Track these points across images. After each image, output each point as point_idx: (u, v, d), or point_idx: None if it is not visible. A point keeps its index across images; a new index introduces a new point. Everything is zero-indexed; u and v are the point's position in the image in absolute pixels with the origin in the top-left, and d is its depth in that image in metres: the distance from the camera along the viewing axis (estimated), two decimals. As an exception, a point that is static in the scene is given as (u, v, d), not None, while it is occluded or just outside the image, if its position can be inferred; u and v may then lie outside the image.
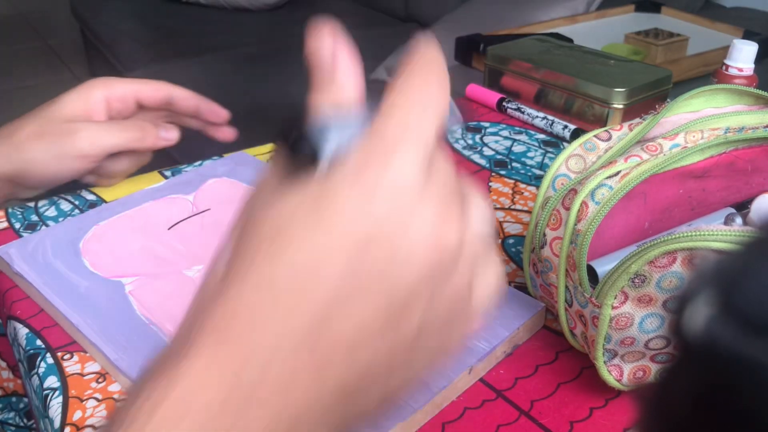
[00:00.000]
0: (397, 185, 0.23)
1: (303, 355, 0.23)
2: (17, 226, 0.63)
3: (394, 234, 0.23)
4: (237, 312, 0.23)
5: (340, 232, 0.23)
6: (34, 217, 0.64)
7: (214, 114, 0.70)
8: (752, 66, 0.74)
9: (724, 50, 0.77)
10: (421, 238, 0.23)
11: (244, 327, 0.23)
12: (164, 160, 0.69)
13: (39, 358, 0.48)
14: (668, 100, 0.49)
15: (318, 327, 0.23)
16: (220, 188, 0.64)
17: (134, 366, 0.45)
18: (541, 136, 0.80)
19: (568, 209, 0.43)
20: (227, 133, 0.70)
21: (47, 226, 0.63)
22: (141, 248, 0.56)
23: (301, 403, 0.23)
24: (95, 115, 0.62)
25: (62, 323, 0.50)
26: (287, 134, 0.26)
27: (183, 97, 0.67)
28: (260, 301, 0.23)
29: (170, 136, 0.64)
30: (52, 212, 0.65)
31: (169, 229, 0.58)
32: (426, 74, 0.26)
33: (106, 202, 0.66)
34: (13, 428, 0.63)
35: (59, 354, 0.48)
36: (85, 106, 0.62)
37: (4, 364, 0.63)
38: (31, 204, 0.66)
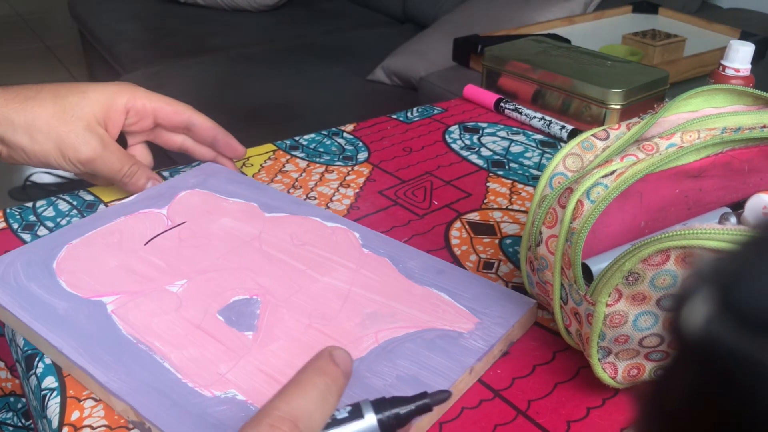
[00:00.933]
0: None
1: None
2: (15, 226, 0.63)
3: None
4: None
5: None
6: (32, 218, 0.64)
7: (230, 149, 0.68)
8: (749, 66, 0.75)
9: (721, 51, 0.77)
10: None
11: None
12: (163, 161, 0.69)
13: (37, 359, 0.48)
14: (666, 100, 0.49)
15: None
16: (194, 200, 0.62)
17: (127, 388, 0.43)
18: (539, 137, 0.80)
19: (563, 207, 0.43)
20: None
21: (45, 226, 0.63)
22: (119, 265, 0.54)
23: None
24: (111, 124, 0.62)
25: (44, 349, 0.48)
26: None
27: (203, 126, 0.66)
28: None
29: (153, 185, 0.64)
30: (50, 213, 0.65)
31: (145, 244, 0.56)
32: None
33: (104, 202, 0.66)
34: (11, 428, 0.63)
35: (57, 354, 0.48)
36: (106, 113, 0.61)
37: (2, 364, 0.63)
38: (29, 204, 0.66)
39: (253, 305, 0.50)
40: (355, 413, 0.33)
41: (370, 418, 0.33)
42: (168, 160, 0.68)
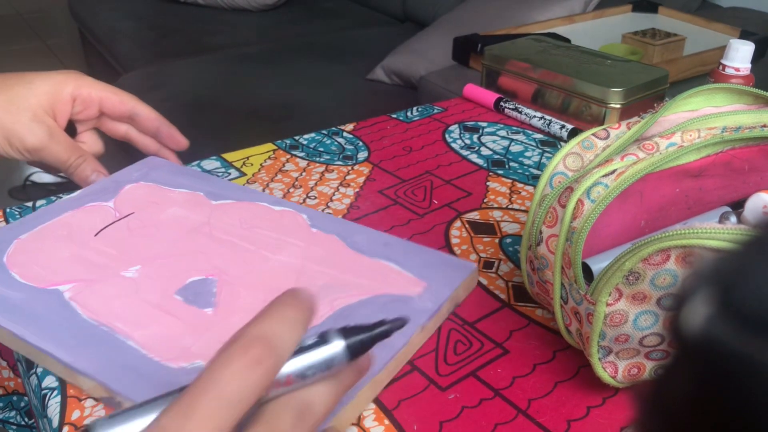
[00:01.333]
0: None
1: None
2: (15, 225, 0.63)
3: None
4: None
5: None
6: (32, 217, 0.64)
7: (173, 140, 0.68)
8: (749, 66, 0.75)
9: (721, 50, 0.77)
10: None
11: None
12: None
13: (37, 358, 0.48)
14: (666, 99, 0.49)
15: None
16: (139, 192, 0.62)
17: (94, 366, 0.43)
18: (539, 136, 0.80)
19: (564, 207, 0.43)
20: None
21: (45, 225, 0.63)
22: (71, 256, 0.54)
23: None
24: (59, 114, 0.62)
25: (6, 340, 0.48)
26: None
27: (146, 116, 0.66)
28: None
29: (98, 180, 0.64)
30: (49, 212, 0.65)
31: (95, 235, 0.56)
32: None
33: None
34: (14, 427, 0.63)
35: (57, 353, 0.48)
36: (52, 102, 0.62)
37: (4, 363, 0.63)
38: (29, 204, 0.66)
39: (210, 284, 0.51)
40: (323, 340, 0.33)
41: (339, 344, 0.33)
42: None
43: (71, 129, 0.65)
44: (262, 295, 0.50)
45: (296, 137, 0.79)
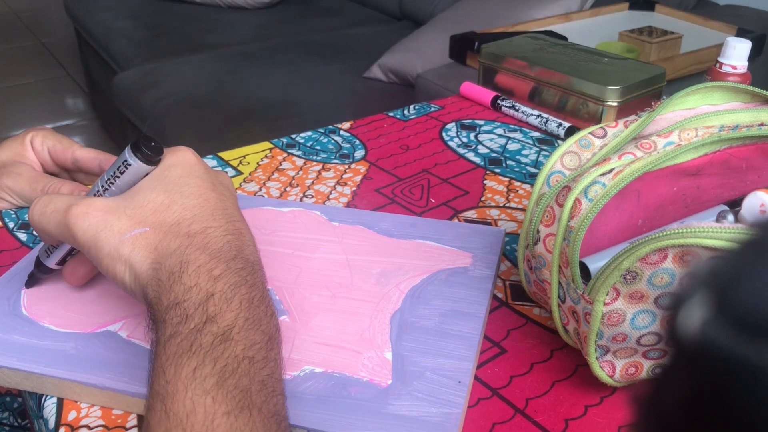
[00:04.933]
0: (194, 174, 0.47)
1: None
2: (11, 225, 0.63)
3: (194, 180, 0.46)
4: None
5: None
6: (28, 217, 0.64)
7: None
8: (746, 63, 0.75)
9: (718, 48, 0.77)
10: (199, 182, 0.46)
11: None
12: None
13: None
14: (663, 97, 0.49)
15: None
16: None
17: None
18: (536, 134, 0.80)
19: (561, 206, 0.43)
20: None
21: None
22: (99, 295, 0.50)
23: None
24: (28, 159, 0.63)
25: (75, 395, 0.44)
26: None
27: (86, 158, 0.63)
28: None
29: None
30: (45, 212, 0.64)
31: None
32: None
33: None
34: (7, 428, 0.63)
35: (53, 354, 0.48)
36: (19, 150, 0.63)
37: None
38: (27, 204, 0.66)
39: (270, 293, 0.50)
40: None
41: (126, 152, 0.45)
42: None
43: None
44: (327, 292, 0.50)
45: (293, 136, 0.79)
